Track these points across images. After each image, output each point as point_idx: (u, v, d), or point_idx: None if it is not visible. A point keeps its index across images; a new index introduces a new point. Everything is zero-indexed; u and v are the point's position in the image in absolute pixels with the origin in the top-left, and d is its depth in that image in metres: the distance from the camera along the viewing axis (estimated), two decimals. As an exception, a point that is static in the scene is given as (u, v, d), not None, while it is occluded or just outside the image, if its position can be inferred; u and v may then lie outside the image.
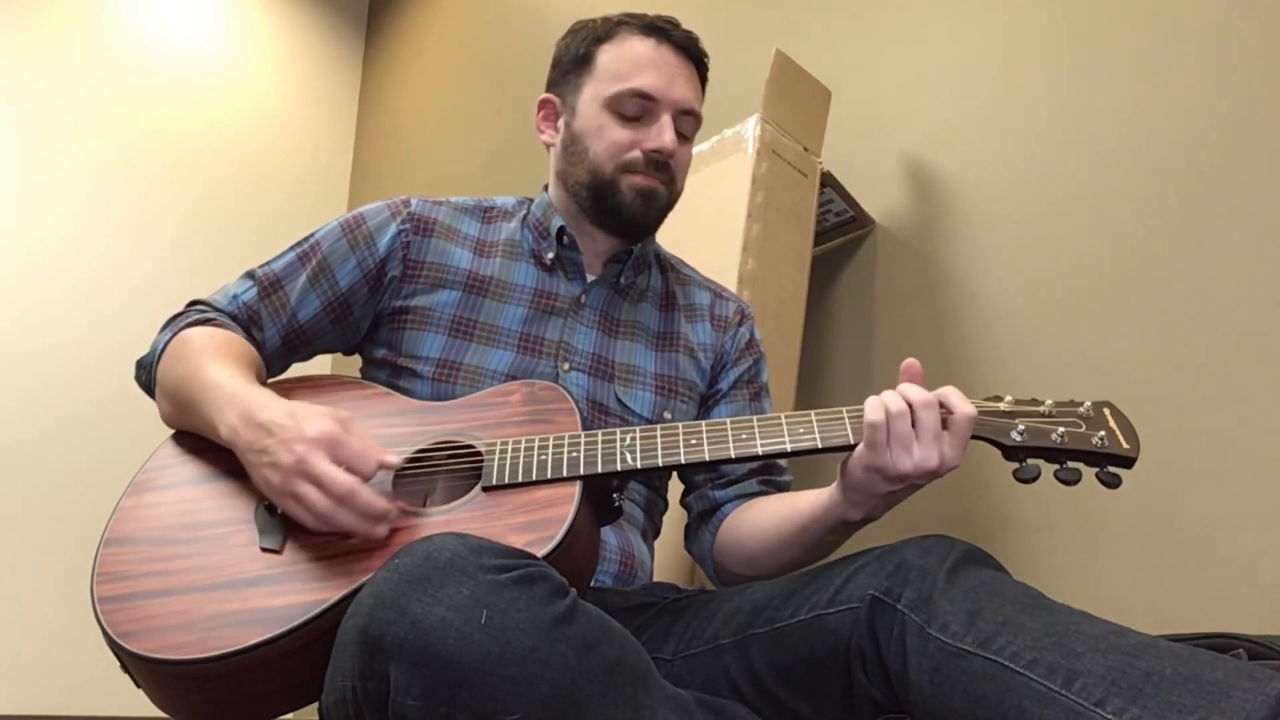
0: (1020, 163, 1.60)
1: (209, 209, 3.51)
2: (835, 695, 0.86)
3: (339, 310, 1.17)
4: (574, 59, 1.22)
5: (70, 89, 3.31)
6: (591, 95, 1.18)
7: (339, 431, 0.88)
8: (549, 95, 1.25)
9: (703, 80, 1.24)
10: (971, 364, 1.60)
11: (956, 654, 0.76)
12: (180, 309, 1.14)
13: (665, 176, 1.17)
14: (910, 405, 0.92)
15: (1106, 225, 1.46)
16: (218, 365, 1.00)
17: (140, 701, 0.93)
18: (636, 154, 1.16)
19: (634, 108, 1.16)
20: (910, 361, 0.97)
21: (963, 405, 0.93)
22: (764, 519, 1.12)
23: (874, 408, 0.92)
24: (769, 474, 1.21)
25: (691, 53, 1.21)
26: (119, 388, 2.97)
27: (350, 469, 0.87)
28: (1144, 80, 1.45)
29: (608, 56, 1.19)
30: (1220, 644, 0.86)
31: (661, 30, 1.19)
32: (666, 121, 1.16)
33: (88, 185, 3.28)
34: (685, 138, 1.21)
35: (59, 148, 3.26)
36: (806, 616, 0.88)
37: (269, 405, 0.92)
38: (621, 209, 1.17)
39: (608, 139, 1.16)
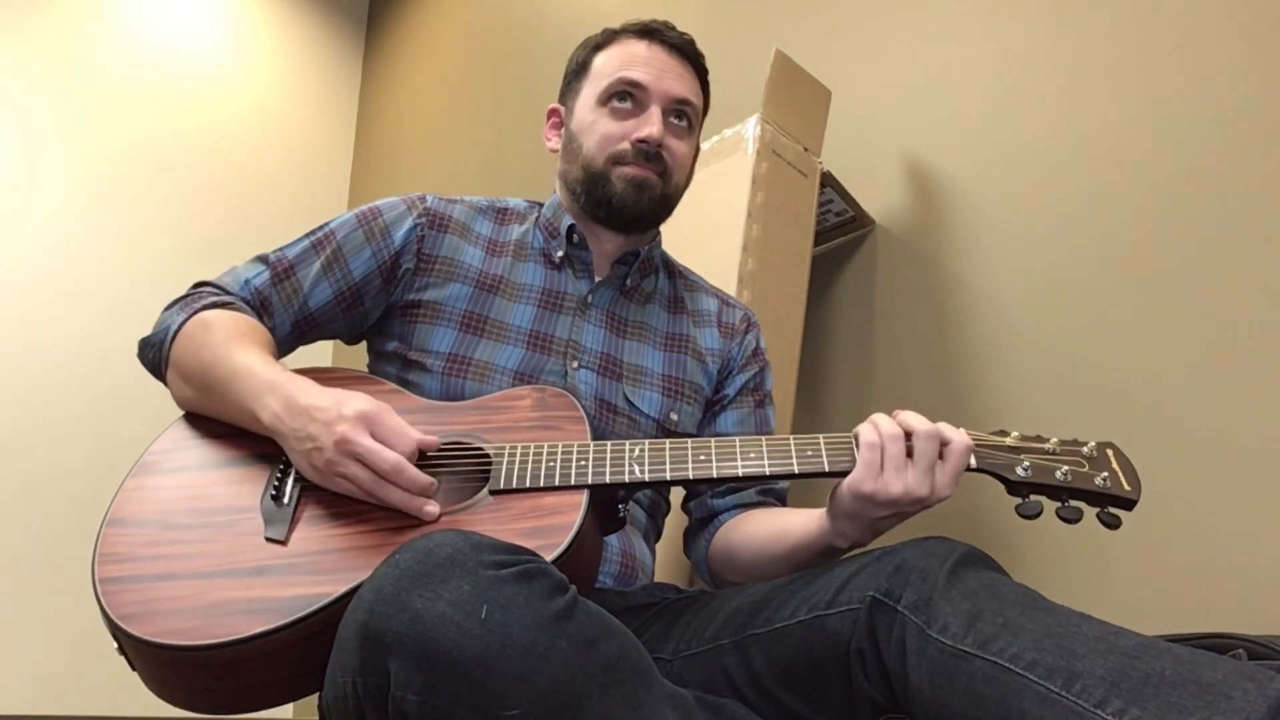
0: (1020, 163, 1.60)
1: (209, 209, 3.51)
2: (835, 696, 0.86)
3: (350, 300, 1.17)
4: (575, 68, 1.26)
5: (70, 88, 3.31)
6: (587, 95, 1.22)
7: (377, 410, 0.91)
8: (555, 105, 1.28)
9: (703, 82, 1.26)
10: (970, 364, 1.60)
11: (956, 655, 0.76)
12: (184, 290, 1.13)
13: (657, 167, 1.18)
14: (910, 433, 0.93)
15: (1106, 225, 1.46)
16: (248, 351, 1.00)
17: (140, 702, 0.92)
18: (626, 145, 1.17)
19: (624, 100, 1.18)
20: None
21: (958, 435, 0.94)
22: (757, 534, 1.13)
23: (867, 430, 0.94)
24: (767, 483, 1.21)
25: (685, 51, 1.23)
26: (119, 387, 3.01)
27: (389, 446, 0.89)
28: (1144, 80, 1.45)
29: (602, 60, 1.22)
30: (1220, 644, 0.86)
31: (654, 32, 1.22)
32: (654, 112, 1.17)
33: (88, 185, 3.28)
34: (682, 131, 1.22)
35: (59, 147, 3.25)
36: (806, 617, 0.88)
37: (310, 391, 0.94)
38: (612, 199, 1.17)
39: (599, 132, 1.18)
